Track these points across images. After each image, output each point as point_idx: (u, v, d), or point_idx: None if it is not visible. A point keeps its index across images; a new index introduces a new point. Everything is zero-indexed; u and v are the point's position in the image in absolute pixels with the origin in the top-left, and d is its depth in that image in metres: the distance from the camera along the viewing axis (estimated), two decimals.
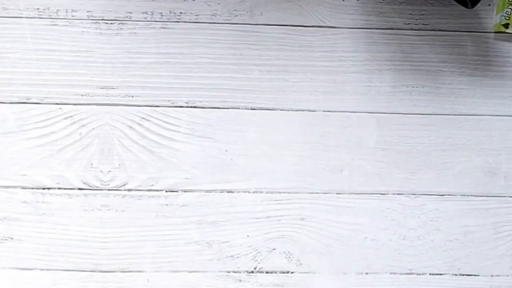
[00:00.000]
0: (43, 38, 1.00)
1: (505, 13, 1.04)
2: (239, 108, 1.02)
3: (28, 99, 1.00)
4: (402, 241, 1.02)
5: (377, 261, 1.02)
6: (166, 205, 1.00)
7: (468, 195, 1.03)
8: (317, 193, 1.02)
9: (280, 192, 1.01)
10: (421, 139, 1.03)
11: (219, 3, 1.03)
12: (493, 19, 1.05)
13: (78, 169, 1.00)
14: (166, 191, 1.00)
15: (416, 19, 1.05)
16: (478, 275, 1.02)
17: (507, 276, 1.02)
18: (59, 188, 0.99)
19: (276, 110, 1.02)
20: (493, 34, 1.05)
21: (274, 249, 1.01)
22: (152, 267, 0.99)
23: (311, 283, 1.01)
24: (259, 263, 1.00)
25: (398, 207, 1.02)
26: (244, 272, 1.00)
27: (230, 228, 1.01)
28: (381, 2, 1.05)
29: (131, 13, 1.02)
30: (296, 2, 1.03)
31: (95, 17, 1.01)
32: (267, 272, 1.01)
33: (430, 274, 1.02)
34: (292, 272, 1.01)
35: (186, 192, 1.00)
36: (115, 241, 0.99)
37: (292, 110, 1.02)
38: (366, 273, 1.01)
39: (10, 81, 1.00)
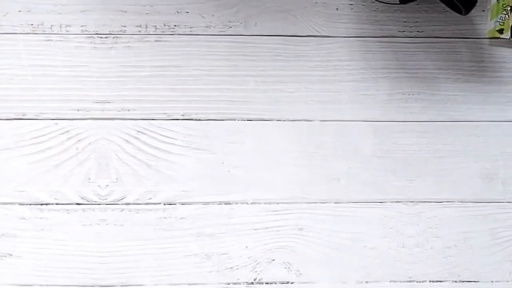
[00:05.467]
0: (37, 54, 1.00)
1: (499, 19, 1.04)
2: (235, 120, 1.02)
3: (24, 115, 1.00)
4: (401, 249, 1.02)
5: (376, 269, 1.02)
6: (164, 218, 1.00)
7: (466, 202, 1.03)
8: (315, 202, 1.02)
9: (278, 203, 1.01)
10: (418, 146, 1.03)
11: (213, 15, 1.03)
12: (488, 25, 1.05)
13: (75, 184, 1.00)
14: (164, 204, 1.00)
15: (411, 27, 1.05)
16: (478, 281, 1.02)
17: (507, 281, 1.02)
18: (57, 204, 0.99)
19: (272, 120, 1.02)
20: (487, 40, 1.05)
21: (273, 259, 1.01)
22: (152, 280, 0.99)
23: None
24: (258, 274, 1.00)
25: (396, 215, 1.02)
26: (244, 284, 1.00)
27: (229, 240, 1.00)
28: (375, 11, 1.04)
29: (125, 26, 1.02)
30: (290, 12, 1.03)
31: (89, 31, 1.01)
32: (267, 283, 1.01)
33: (430, 281, 1.02)
34: (292, 283, 1.01)
35: (184, 205, 1.00)
36: (114, 256, 0.99)
37: (288, 120, 1.02)
38: (366, 282, 1.01)
39: (6, 98, 1.00)
